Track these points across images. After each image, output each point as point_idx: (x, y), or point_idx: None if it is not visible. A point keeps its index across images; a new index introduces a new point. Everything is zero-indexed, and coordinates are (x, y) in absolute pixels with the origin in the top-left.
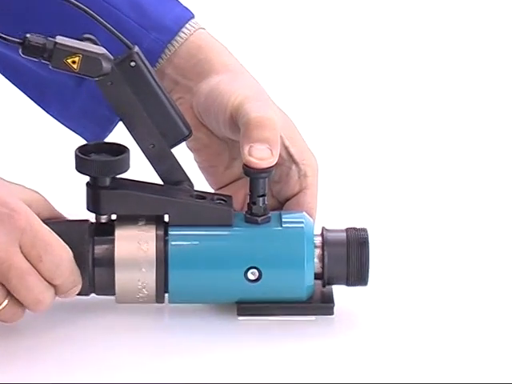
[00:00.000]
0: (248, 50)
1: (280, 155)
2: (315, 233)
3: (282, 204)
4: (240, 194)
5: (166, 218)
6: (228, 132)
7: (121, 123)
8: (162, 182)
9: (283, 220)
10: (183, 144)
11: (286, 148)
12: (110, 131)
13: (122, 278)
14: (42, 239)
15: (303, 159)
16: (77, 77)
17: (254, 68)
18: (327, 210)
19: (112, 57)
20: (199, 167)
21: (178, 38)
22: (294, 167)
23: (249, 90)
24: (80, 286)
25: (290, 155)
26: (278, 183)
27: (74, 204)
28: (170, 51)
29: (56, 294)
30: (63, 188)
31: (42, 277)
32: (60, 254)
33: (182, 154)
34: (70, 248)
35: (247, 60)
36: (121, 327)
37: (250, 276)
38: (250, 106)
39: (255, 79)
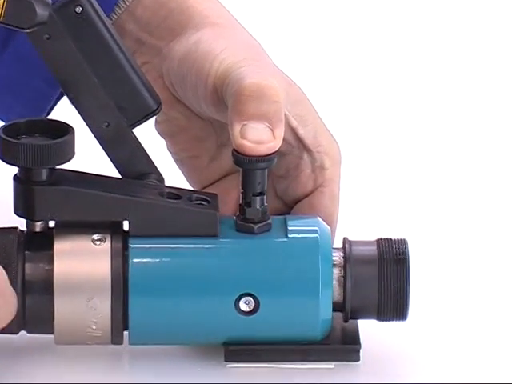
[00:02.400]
0: None
1: (286, 140)
2: (334, 246)
3: (289, 207)
4: (231, 195)
5: (126, 225)
6: (211, 109)
7: (64, 99)
8: (119, 176)
9: (289, 228)
10: (151, 126)
11: (293, 130)
12: (46, 112)
13: (63, 309)
14: None
15: (318, 145)
16: None
17: None
18: (351, 215)
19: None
20: (174, 159)
21: None
22: (305, 156)
23: (240, 51)
24: (14, 313)
25: (300, 140)
26: (284, 179)
27: None
28: None
29: None
30: None
31: None
32: None
33: (149, 140)
34: None
35: None
36: (65, 376)
37: (243, 306)
38: (242, 72)
39: (252, 36)
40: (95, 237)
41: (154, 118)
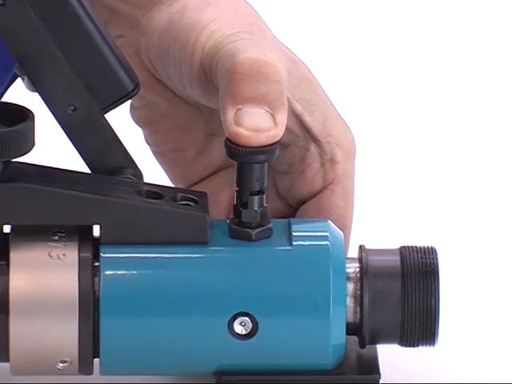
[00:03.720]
0: None
1: (289, 129)
2: (348, 255)
3: (293, 209)
4: (224, 194)
5: (97, 230)
6: (198, 92)
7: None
8: (88, 171)
9: (294, 234)
10: (125, 113)
11: (298, 116)
12: None
13: (20, 332)
14: None
15: (328, 134)
16: None
17: None
18: (368, 218)
19: None
20: (154, 153)
21: None
22: (312, 148)
23: (233, 22)
24: None
25: (306, 128)
26: (288, 175)
27: None
28: None
29: None
30: None
31: None
32: None
33: (123, 130)
34: None
35: None
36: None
37: (238, 329)
38: (235, 46)
39: (248, 3)
40: (59, 245)
41: (128, 103)
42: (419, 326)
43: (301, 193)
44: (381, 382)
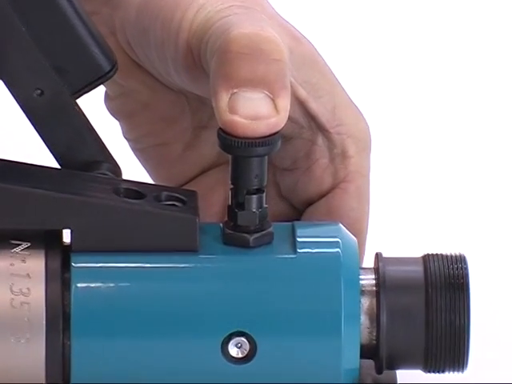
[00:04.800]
0: None
1: (292, 118)
2: (363, 265)
3: (298, 211)
4: (216, 194)
5: (67, 235)
6: (185, 77)
7: None
8: (57, 165)
9: (299, 240)
10: (99, 103)
11: (302, 103)
12: None
13: None
14: None
15: (338, 123)
16: None
17: None
18: (386, 222)
19: None
20: (134, 149)
21: None
22: (320, 140)
23: None
24: None
25: (312, 117)
26: (291, 172)
27: None
28: None
29: None
30: None
31: None
32: None
33: (100, 119)
34: None
35: None
36: None
37: (234, 351)
38: (228, 21)
39: None
40: (23, 252)
41: (103, 92)
42: (446, 349)
43: (307, 193)
44: None
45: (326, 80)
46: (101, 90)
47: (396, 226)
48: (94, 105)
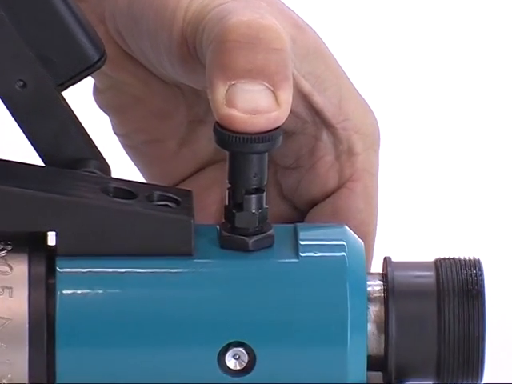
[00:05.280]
0: None
1: (295, 112)
2: (370, 270)
3: (301, 212)
4: (213, 194)
5: (52, 238)
6: (179, 69)
7: None
8: (42, 163)
9: (301, 243)
10: (89, 91)
11: (305, 96)
12: None
13: None
14: None
15: (344, 118)
16: None
17: None
18: (396, 224)
19: None
20: (125, 146)
21: None
22: (325, 136)
23: None
24: None
25: (316, 111)
26: (294, 170)
27: None
28: None
29: None
30: None
31: None
32: None
33: (88, 113)
34: None
35: None
36: None
37: (231, 363)
38: (224, 8)
39: None
40: (5, 257)
41: (91, 84)
42: (460, 360)
43: (311, 192)
44: None
45: (332, 71)
46: (89, 82)
47: (406, 228)
48: (81, 98)
